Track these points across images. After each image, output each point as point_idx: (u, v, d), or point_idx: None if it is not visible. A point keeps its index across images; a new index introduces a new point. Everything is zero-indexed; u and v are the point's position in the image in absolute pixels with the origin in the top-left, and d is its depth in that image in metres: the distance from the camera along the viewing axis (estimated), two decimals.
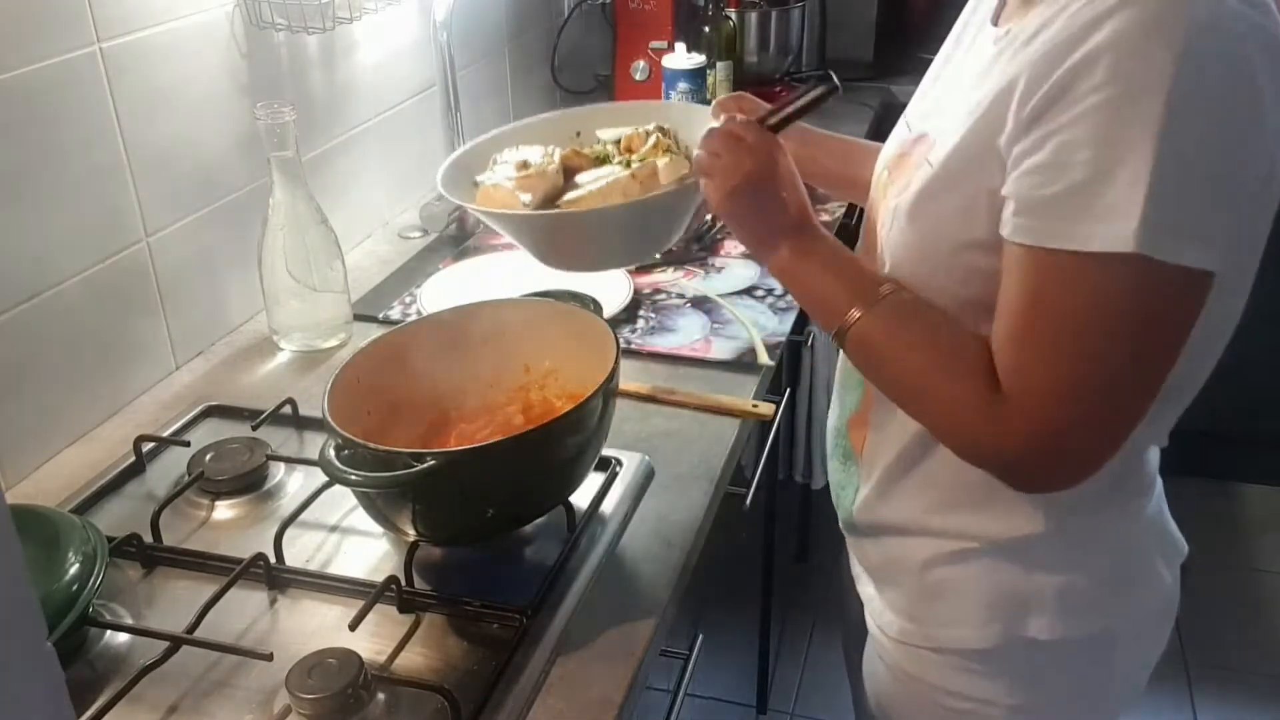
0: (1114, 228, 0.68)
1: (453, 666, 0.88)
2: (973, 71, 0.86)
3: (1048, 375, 0.74)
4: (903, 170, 0.90)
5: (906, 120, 0.97)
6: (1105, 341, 0.72)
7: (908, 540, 0.95)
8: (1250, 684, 2.22)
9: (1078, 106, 0.69)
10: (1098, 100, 0.68)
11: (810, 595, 2.35)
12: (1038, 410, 0.75)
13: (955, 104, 0.85)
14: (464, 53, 1.88)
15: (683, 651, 1.12)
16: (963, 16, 0.98)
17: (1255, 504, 2.70)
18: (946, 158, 0.81)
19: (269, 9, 1.36)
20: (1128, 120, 0.68)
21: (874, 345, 0.85)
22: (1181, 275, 0.70)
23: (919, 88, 1.00)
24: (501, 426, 1.06)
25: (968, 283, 0.81)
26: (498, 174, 1.06)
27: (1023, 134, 0.73)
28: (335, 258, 1.36)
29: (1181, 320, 0.73)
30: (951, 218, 0.81)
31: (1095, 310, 0.71)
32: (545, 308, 1.10)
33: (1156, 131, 0.67)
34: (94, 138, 1.18)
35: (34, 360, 1.14)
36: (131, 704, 0.84)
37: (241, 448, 1.13)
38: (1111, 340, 0.72)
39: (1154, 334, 0.73)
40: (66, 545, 0.91)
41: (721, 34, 2.13)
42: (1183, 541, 0.99)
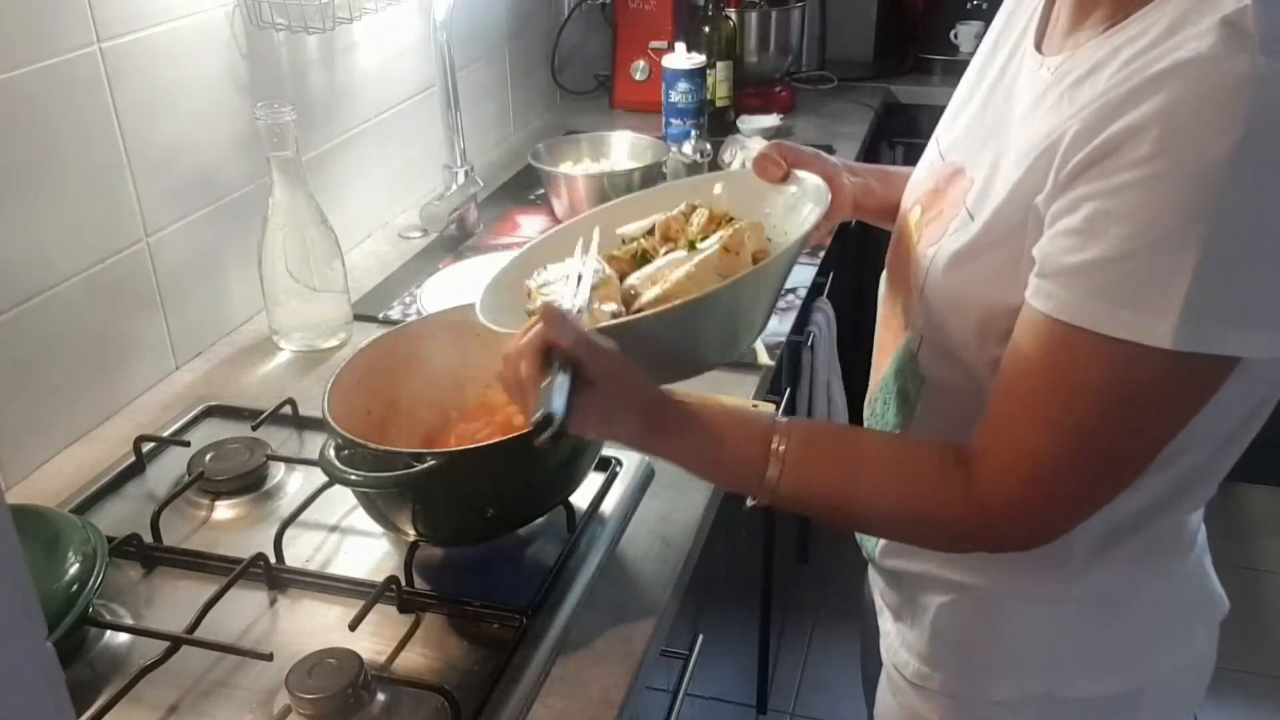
0: (1148, 319, 0.64)
1: (453, 666, 0.88)
2: (1021, 105, 0.80)
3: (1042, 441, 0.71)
4: (936, 206, 0.86)
5: (938, 146, 0.92)
6: (1112, 422, 0.69)
7: (930, 585, 0.92)
8: (1253, 684, 2.22)
9: (1119, 176, 0.65)
10: (1141, 175, 0.64)
11: (810, 595, 2.35)
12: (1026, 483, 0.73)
13: (999, 142, 0.80)
14: (464, 53, 1.88)
15: (683, 651, 1.12)
16: (993, 30, 0.91)
17: (1255, 504, 2.70)
18: (990, 219, 0.77)
19: (269, 9, 1.36)
20: (1170, 202, 0.63)
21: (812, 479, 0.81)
22: (1210, 363, 0.66)
23: (949, 108, 0.94)
24: (501, 426, 1.06)
25: (1001, 343, 0.76)
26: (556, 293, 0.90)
27: (1060, 194, 0.69)
28: (335, 257, 1.36)
29: (1197, 404, 0.70)
30: (991, 278, 0.77)
31: (1108, 392, 0.68)
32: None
33: (1206, 217, 0.62)
34: (94, 137, 1.18)
35: (34, 360, 1.14)
36: (131, 704, 0.84)
37: (241, 448, 1.13)
38: (1119, 421, 0.69)
39: (1165, 419, 0.70)
40: (66, 545, 0.91)
41: (721, 34, 2.13)
42: (1224, 599, 0.93)
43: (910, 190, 0.94)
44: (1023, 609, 0.87)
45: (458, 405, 1.09)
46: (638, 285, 0.90)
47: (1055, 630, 0.87)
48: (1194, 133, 0.63)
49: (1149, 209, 0.64)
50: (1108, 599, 0.86)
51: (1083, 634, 0.87)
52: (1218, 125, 0.62)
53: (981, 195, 0.79)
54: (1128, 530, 0.82)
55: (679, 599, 0.98)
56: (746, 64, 2.23)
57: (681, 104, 1.99)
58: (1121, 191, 0.65)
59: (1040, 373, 0.70)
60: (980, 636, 0.90)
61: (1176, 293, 0.63)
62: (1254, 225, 0.63)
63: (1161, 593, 0.88)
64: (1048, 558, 0.80)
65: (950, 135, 0.91)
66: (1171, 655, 0.90)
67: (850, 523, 0.87)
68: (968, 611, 0.90)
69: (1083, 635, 0.87)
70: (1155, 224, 0.63)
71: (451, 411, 1.08)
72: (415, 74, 1.79)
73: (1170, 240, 0.63)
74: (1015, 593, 0.87)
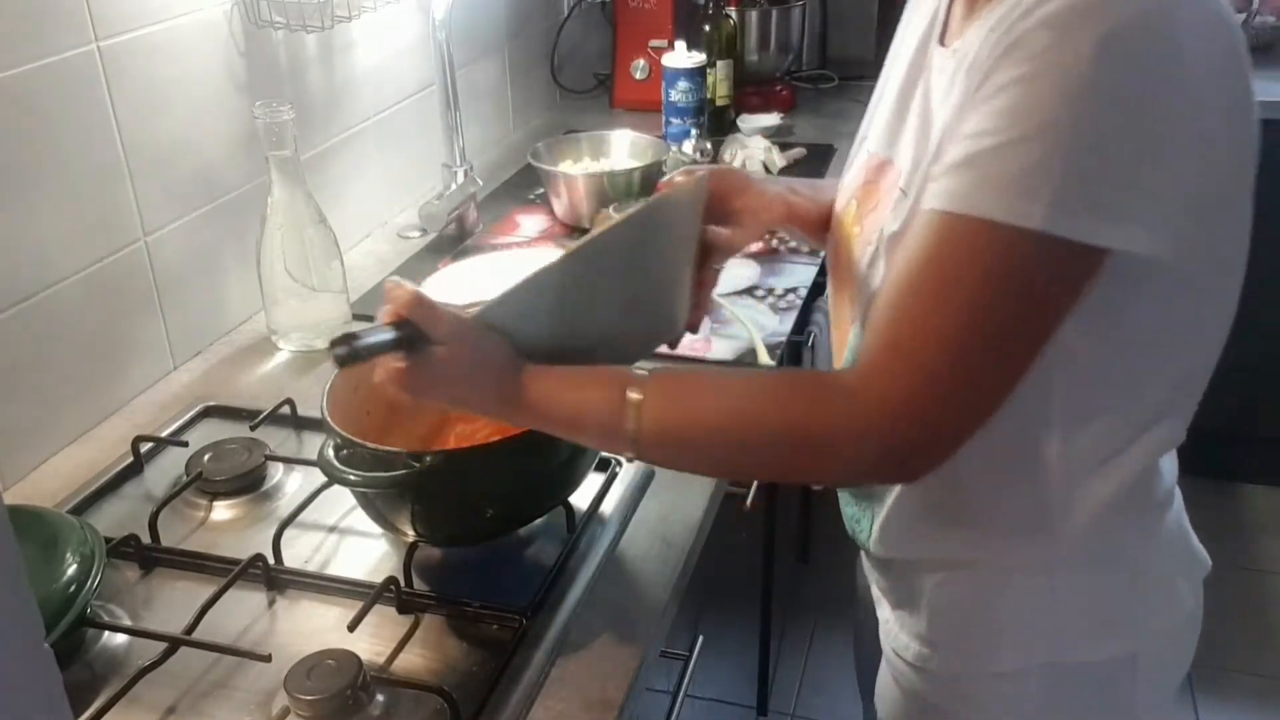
0: (1023, 203, 0.68)
1: (452, 667, 0.88)
2: (937, 94, 0.84)
3: (928, 335, 0.72)
4: (872, 199, 0.88)
5: (865, 145, 0.95)
6: (994, 306, 0.71)
7: (926, 568, 0.92)
8: (1253, 684, 2.22)
9: (999, 81, 0.69)
10: (1018, 74, 0.68)
11: (811, 596, 2.35)
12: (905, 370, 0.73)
13: (922, 125, 0.83)
14: (463, 52, 1.88)
15: (683, 652, 1.12)
16: (898, 36, 0.96)
17: (1256, 504, 2.70)
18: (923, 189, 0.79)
19: (267, 7, 1.35)
20: (1044, 95, 0.67)
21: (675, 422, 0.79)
22: (1081, 251, 0.69)
23: (868, 111, 0.98)
24: (501, 426, 1.06)
25: None
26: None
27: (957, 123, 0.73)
28: (334, 257, 1.35)
29: (1067, 290, 0.72)
30: None
31: (988, 275, 0.70)
32: None
33: (1074, 108, 0.66)
34: (92, 136, 1.18)
35: (31, 360, 1.13)
36: (129, 705, 0.83)
37: (240, 448, 1.13)
38: (1001, 305, 0.71)
39: (1044, 306, 0.72)
40: (64, 546, 0.91)
41: (722, 32, 2.13)
42: (1206, 557, 0.95)
43: (843, 190, 0.96)
44: (1015, 579, 0.88)
45: None
46: None
47: (1049, 596, 0.88)
48: (1068, 30, 0.67)
49: (1025, 104, 0.68)
50: (1096, 558, 0.87)
51: (1076, 597, 0.88)
52: (1084, 28, 0.66)
53: (912, 173, 0.82)
54: (1105, 485, 0.83)
55: (679, 599, 0.98)
56: (747, 63, 2.23)
57: (682, 103, 1.99)
58: (999, 95, 0.69)
59: (925, 266, 0.72)
60: (977, 612, 0.91)
61: (1049, 179, 0.67)
62: (1119, 123, 0.67)
63: (1146, 549, 0.90)
64: (1030, 522, 0.83)
65: (873, 132, 0.94)
66: (1162, 615, 0.92)
67: (728, 465, 0.84)
68: (962, 588, 0.91)
69: (1076, 598, 0.88)
70: (1030, 116, 0.68)
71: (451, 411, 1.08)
72: (414, 73, 1.78)
73: (1044, 131, 0.67)
74: (1006, 563, 0.88)
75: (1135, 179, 0.68)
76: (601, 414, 0.80)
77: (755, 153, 1.94)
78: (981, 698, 0.93)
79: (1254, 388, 2.54)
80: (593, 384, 0.82)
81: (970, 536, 0.88)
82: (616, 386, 0.79)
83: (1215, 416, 3.13)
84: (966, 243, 0.70)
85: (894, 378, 0.73)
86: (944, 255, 0.71)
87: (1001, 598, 0.89)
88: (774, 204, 1.00)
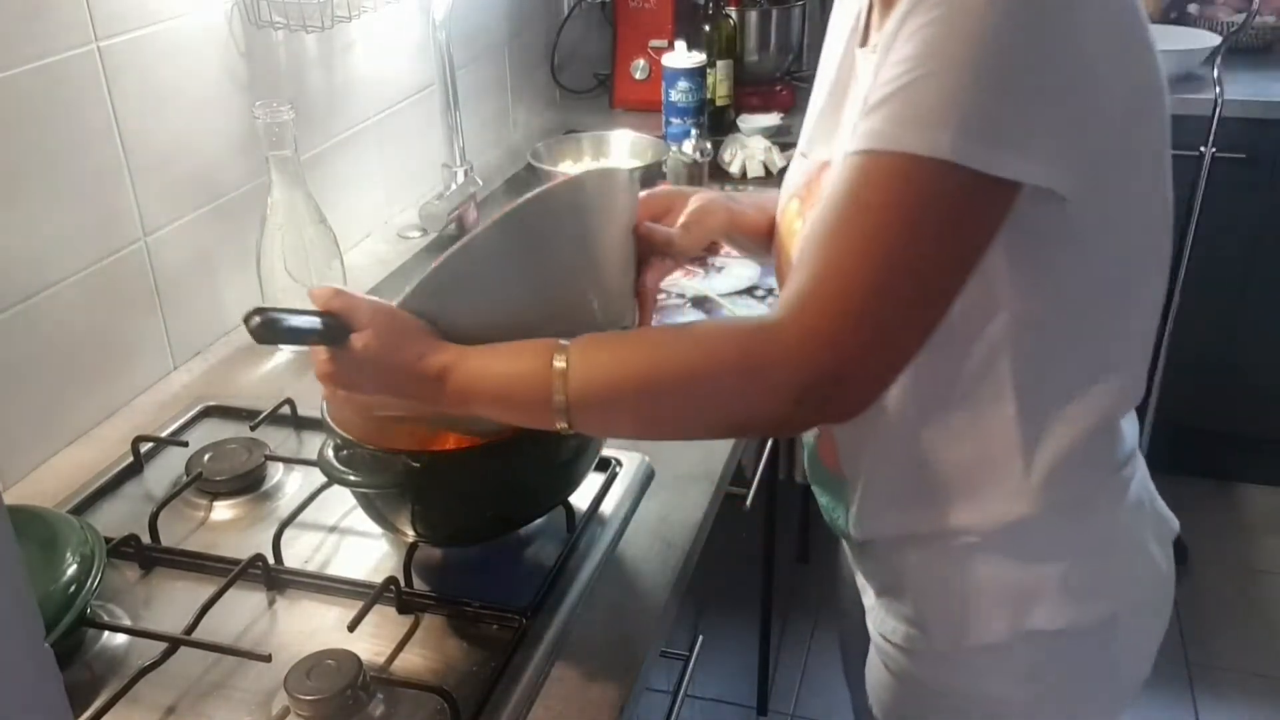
0: (931, 133, 0.70)
1: (452, 668, 0.87)
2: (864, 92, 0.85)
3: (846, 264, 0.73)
4: (813, 197, 0.90)
5: (801, 151, 0.98)
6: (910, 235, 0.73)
7: (906, 547, 0.95)
8: (1253, 684, 2.22)
9: (908, 31, 0.72)
10: (925, 20, 0.72)
11: (811, 596, 2.35)
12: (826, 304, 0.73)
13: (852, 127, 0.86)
14: (463, 52, 1.88)
15: (683, 652, 1.12)
16: (826, 44, 0.98)
17: (1255, 504, 2.70)
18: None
19: (268, 7, 1.35)
20: (949, 37, 0.70)
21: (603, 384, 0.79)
22: (988, 182, 0.71)
23: (806, 118, 0.99)
24: None
25: None
26: None
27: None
28: (334, 257, 1.35)
29: (982, 224, 0.74)
30: None
31: (902, 206, 0.72)
32: None
33: (976, 46, 0.70)
34: (92, 137, 1.18)
35: (31, 360, 1.13)
36: (129, 705, 0.83)
37: (240, 448, 1.13)
38: (916, 234, 0.73)
39: (959, 237, 0.74)
40: (64, 546, 0.91)
41: (722, 33, 2.13)
42: (1173, 520, 0.99)
43: (784, 193, 0.98)
44: (991, 548, 0.90)
45: None
46: None
47: (1025, 562, 0.90)
48: None
49: (932, 43, 0.71)
50: (1065, 516, 0.89)
51: (1053, 562, 0.90)
52: None
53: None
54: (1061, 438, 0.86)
55: (679, 599, 0.98)
56: (747, 63, 2.23)
57: (682, 103, 1.99)
58: (911, 39, 0.72)
59: (842, 201, 0.74)
60: (959, 587, 0.93)
61: (955, 110, 0.70)
62: (1017, 62, 0.70)
63: (1117, 513, 0.92)
64: (993, 482, 0.86)
65: (809, 138, 0.97)
66: (1138, 576, 0.95)
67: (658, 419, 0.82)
68: (943, 564, 0.93)
69: (1053, 564, 0.90)
70: (937, 54, 0.71)
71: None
72: (414, 73, 1.78)
73: (950, 66, 0.70)
74: (981, 528, 0.89)
75: (1033, 115, 0.72)
76: (530, 387, 0.79)
77: (755, 153, 1.94)
78: (971, 672, 0.95)
79: (1254, 388, 2.55)
80: (517, 357, 0.81)
81: (940, 506, 0.90)
82: (542, 357, 0.79)
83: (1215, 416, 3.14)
84: (882, 176, 0.73)
85: (815, 309, 0.73)
86: (859, 190, 0.73)
87: (980, 569, 0.91)
88: (716, 210, 1.01)
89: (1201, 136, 2.22)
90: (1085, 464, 0.88)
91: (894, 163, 0.72)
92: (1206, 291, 2.40)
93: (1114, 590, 0.93)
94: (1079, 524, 0.91)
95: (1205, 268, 2.35)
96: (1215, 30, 2.53)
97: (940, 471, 0.88)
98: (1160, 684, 2.23)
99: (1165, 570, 0.97)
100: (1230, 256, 2.42)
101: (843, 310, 0.73)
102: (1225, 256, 2.41)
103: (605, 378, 0.79)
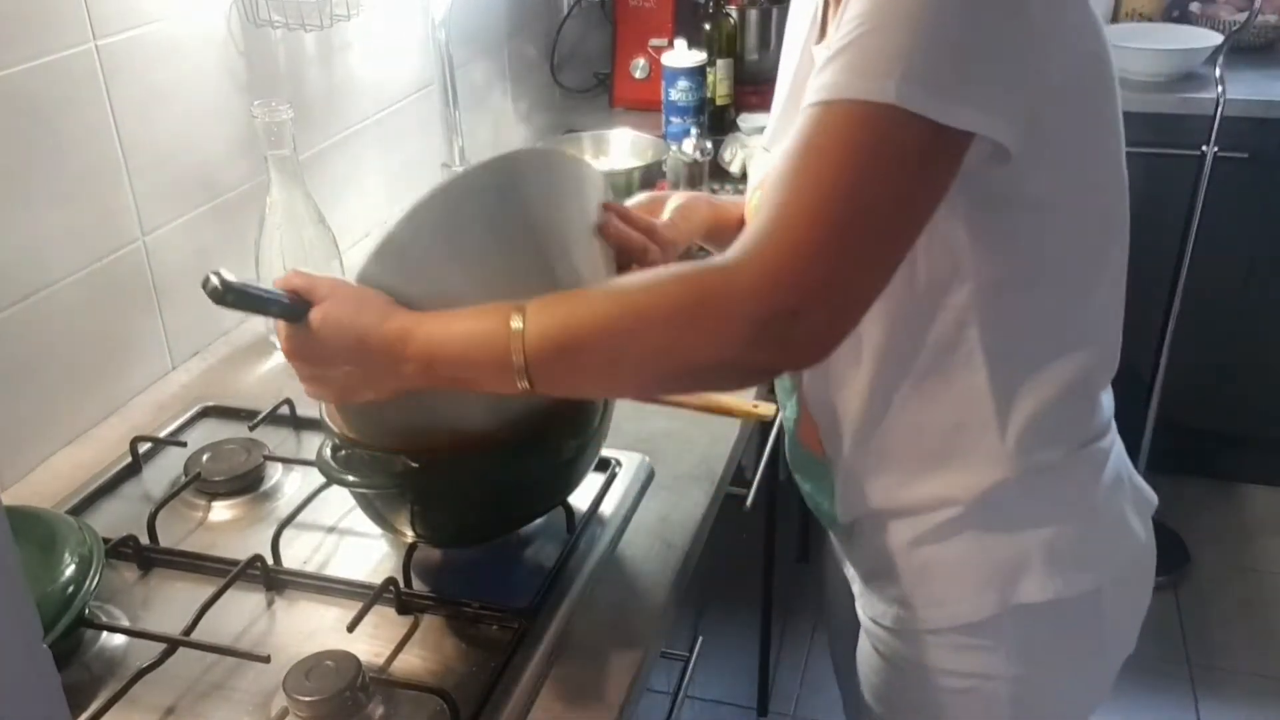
0: (879, 81, 0.72)
1: (451, 668, 0.87)
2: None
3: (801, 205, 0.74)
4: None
5: (764, 146, 1.00)
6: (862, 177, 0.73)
7: (891, 525, 0.97)
8: (1253, 684, 2.22)
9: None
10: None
11: (811, 597, 2.34)
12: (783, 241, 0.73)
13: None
14: (463, 50, 1.88)
15: (683, 653, 1.12)
16: (784, 47, 1.02)
17: (1255, 504, 2.70)
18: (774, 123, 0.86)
19: (266, 6, 1.35)
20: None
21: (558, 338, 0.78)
22: (937, 130, 0.73)
23: (770, 117, 1.03)
24: None
25: None
26: None
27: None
28: (333, 257, 1.35)
29: (934, 174, 0.75)
30: None
31: (854, 149, 0.74)
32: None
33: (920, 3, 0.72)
34: (90, 136, 1.17)
35: (29, 361, 1.13)
36: (128, 706, 0.83)
37: (238, 448, 1.12)
38: (869, 176, 0.74)
39: (903, 178, 0.75)
40: (62, 546, 0.91)
41: (722, 31, 2.13)
42: (1152, 495, 1.02)
43: (750, 187, 1.02)
44: (973, 516, 0.92)
45: None
46: None
47: (1008, 533, 0.93)
48: None
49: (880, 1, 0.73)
50: (1050, 494, 0.93)
51: (1034, 526, 0.92)
52: None
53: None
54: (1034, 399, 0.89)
55: (679, 600, 0.98)
56: (747, 62, 2.23)
57: (682, 102, 1.99)
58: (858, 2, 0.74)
59: (798, 151, 0.75)
60: (946, 563, 0.95)
61: (900, 60, 0.72)
62: (964, 15, 0.73)
63: (1096, 484, 0.95)
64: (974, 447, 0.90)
65: (771, 133, 1.00)
66: (1120, 548, 0.97)
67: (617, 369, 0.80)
68: (927, 541, 0.94)
69: (1034, 528, 0.92)
70: (883, 9, 0.73)
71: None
72: (414, 72, 1.78)
73: (897, 19, 0.73)
74: (962, 498, 0.92)
75: (974, 66, 0.74)
76: (489, 347, 0.79)
77: (755, 152, 1.93)
78: (960, 651, 0.96)
79: (1254, 388, 2.54)
80: (476, 318, 0.80)
81: (921, 476, 0.93)
82: (500, 316, 0.78)
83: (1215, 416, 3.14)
84: (834, 121, 0.74)
85: (770, 246, 0.74)
86: (812, 136, 0.75)
87: (965, 543, 0.93)
88: (699, 206, 1.06)
89: (1203, 136, 2.22)
90: (1060, 430, 0.91)
91: (846, 109, 0.73)
92: (1208, 291, 2.40)
93: (1097, 562, 0.95)
94: (1058, 492, 0.93)
95: (1206, 267, 2.35)
96: (1217, 29, 2.52)
97: (918, 442, 0.92)
98: (1161, 684, 2.23)
99: (1145, 542, 0.99)
100: (1232, 256, 2.41)
101: (795, 246, 0.73)
102: (1227, 256, 2.41)
103: (559, 333, 0.78)
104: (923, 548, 0.95)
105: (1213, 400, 2.59)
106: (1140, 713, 2.17)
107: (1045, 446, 0.90)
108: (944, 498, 0.92)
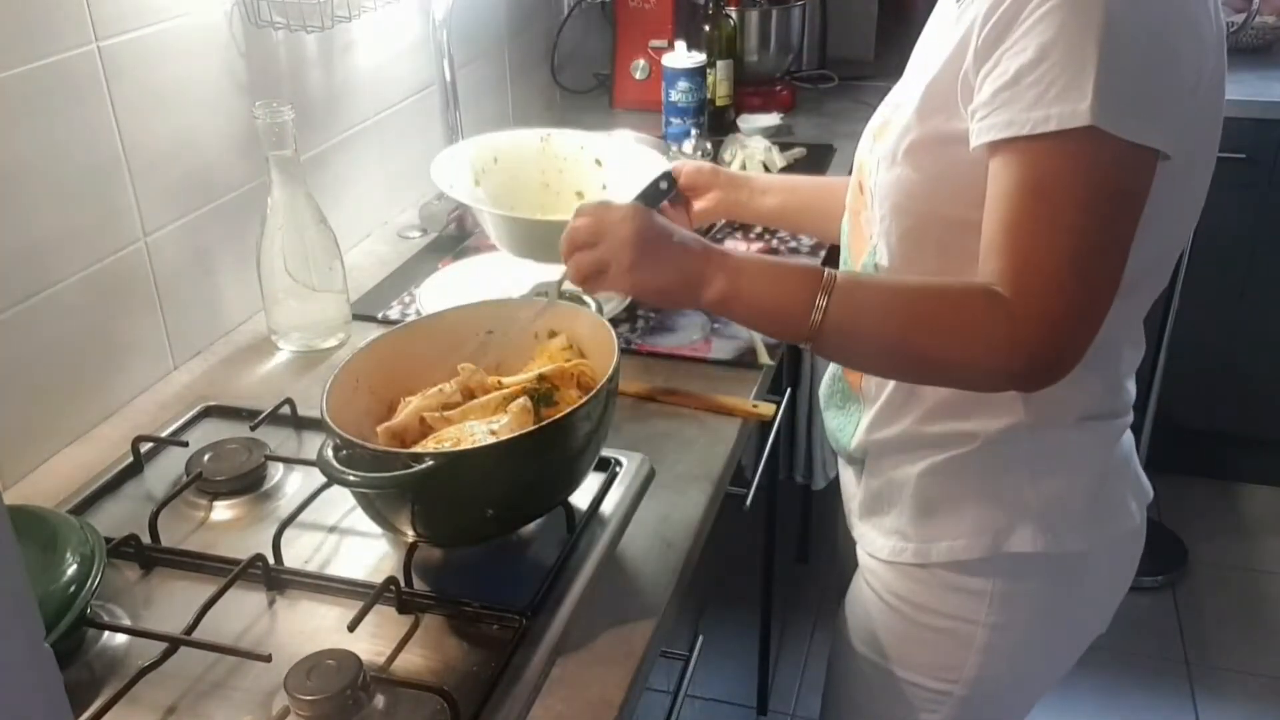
0: (1070, 106, 0.77)
1: (452, 668, 0.88)
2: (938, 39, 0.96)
3: (1041, 253, 0.81)
4: (887, 130, 0.97)
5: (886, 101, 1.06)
6: (1083, 209, 0.80)
7: (906, 456, 1.01)
8: (1253, 684, 2.22)
9: (1026, 24, 0.80)
10: (1043, 12, 0.79)
11: (811, 596, 2.35)
12: (1042, 287, 0.81)
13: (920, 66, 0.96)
14: (463, 51, 1.88)
15: (683, 652, 1.12)
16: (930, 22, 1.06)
17: (1255, 504, 2.70)
18: (921, 95, 0.91)
19: (268, 7, 1.35)
20: (1072, 25, 0.78)
21: (857, 320, 0.89)
22: (1131, 150, 0.79)
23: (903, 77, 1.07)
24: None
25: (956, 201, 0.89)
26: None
27: (983, 61, 0.84)
28: (334, 257, 1.35)
29: (1136, 193, 0.81)
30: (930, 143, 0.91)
31: (1069, 184, 0.80)
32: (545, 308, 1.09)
33: (1099, 32, 0.77)
34: (92, 136, 1.18)
35: (31, 360, 1.13)
36: (129, 705, 0.83)
37: (240, 448, 1.13)
38: (1088, 207, 0.80)
39: (1116, 204, 0.81)
40: (64, 546, 0.91)
41: (722, 32, 2.13)
42: (1149, 487, 1.07)
43: (866, 134, 1.06)
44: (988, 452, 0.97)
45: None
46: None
47: (1015, 475, 0.98)
48: None
49: (1052, 31, 0.79)
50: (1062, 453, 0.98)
51: (1040, 476, 0.97)
52: None
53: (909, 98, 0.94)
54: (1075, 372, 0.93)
55: (679, 599, 0.98)
56: (747, 63, 2.23)
57: (682, 103, 1.99)
58: (1029, 34, 0.80)
59: (1015, 195, 0.81)
60: (950, 495, 1.00)
61: (1088, 81, 0.77)
62: (1139, 35, 0.78)
63: (1106, 459, 1.01)
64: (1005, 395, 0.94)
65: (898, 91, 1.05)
66: (1114, 523, 1.02)
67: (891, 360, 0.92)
68: (943, 469, 1.00)
69: (1040, 479, 0.97)
70: (1059, 40, 0.78)
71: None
72: (415, 73, 1.78)
73: (1074, 47, 0.78)
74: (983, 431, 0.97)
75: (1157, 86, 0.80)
76: (793, 311, 0.88)
77: (755, 153, 1.93)
78: (945, 589, 1.02)
79: (1254, 388, 2.54)
80: (788, 281, 0.90)
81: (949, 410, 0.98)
82: (808, 292, 0.88)
83: (1215, 416, 3.13)
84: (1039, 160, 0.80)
85: (1041, 297, 0.81)
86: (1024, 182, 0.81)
87: (973, 479, 0.98)
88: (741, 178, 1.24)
89: None
90: (1091, 401, 0.96)
91: (1047, 145, 0.79)
92: (1206, 291, 2.40)
93: (1089, 528, 0.99)
94: (1069, 453, 0.97)
95: (1205, 268, 2.35)
96: None
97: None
98: (1160, 684, 2.24)
99: (1138, 527, 1.04)
100: (1230, 256, 2.42)
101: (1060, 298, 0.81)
102: (1225, 256, 2.41)
103: (851, 325, 0.88)
104: (932, 479, 1.00)
105: (1211, 400, 2.59)
106: (1138, 711, 2.18)
107: (1067, 402, 0.94)
108: (963, 432, 0.97)
